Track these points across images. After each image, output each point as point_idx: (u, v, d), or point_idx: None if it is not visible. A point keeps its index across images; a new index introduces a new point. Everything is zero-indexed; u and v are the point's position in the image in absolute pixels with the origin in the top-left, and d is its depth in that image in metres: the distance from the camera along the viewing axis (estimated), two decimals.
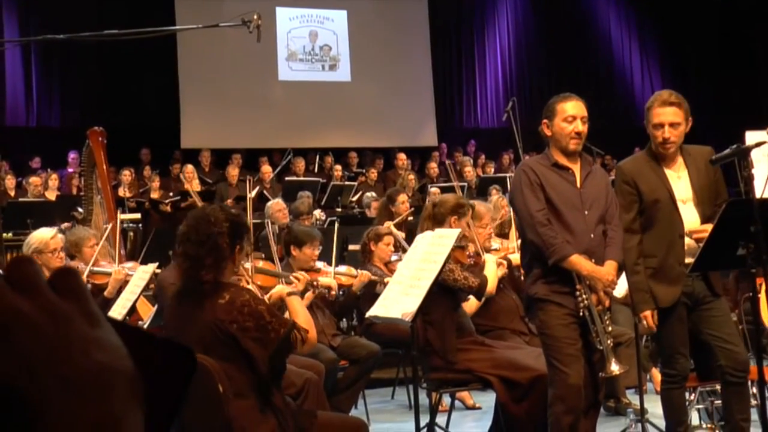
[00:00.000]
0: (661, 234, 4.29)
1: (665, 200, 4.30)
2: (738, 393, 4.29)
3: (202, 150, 14.30)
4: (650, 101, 4.42)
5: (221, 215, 3.47)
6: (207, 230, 3.40)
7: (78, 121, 13.43)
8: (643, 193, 4.31)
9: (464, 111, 17.95)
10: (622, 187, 4.38)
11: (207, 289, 3.39)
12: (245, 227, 3.59)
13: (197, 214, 3.55)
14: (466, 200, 5.67)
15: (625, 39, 19.31)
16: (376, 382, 7.26)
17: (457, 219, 5.24)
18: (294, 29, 16.41)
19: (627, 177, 4.38)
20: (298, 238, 6.16)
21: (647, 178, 4.33)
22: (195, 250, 3.39)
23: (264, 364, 3.31)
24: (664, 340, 4.38)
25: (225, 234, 3.40)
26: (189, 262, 3.41)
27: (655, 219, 4.31)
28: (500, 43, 18.28)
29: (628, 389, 6.16)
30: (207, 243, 3.38)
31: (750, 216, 3.58)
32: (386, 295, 4.69)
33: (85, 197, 8.13)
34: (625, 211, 4.33)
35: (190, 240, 3.42)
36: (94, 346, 0.60)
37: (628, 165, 4.45)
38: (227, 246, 3.41)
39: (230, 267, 3.49)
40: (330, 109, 16.16)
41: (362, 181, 13.85)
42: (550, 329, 4.24)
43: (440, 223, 5.22)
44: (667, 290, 4.27)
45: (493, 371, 4.80)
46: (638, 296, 4.32)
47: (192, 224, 3.46)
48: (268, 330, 3.30)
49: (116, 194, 10.62)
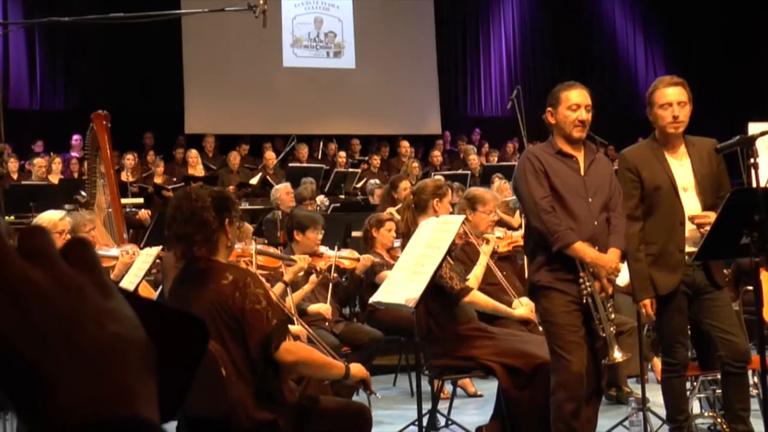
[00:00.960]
0: (662, 221, 4.29)
1: (666, 187, 4.30)
2: (737, 383, 4.30)
3: (206, 135, 14.30)
4: (652, 86, 4.46)
5: (203, 192, 3.49)
6: (190, 206, 3.39)
7: (82, 104, 13.41)
8: (644, 179, 4.32)
9: (468, 99, 17.93)
10: (625, 174, 4.39)
11: (206, 269, 3.38)
12: (230, 200, 3.58)
13: (179, 194, 3.57)
14: (442, 180, 5.68)
15: (630, 29, 19.27)
16: (379, 368, 7.26)
17: (439, 200, 5.24)
18: (299, 15, 16.38)
19: (629, 164, 4.39)
20: (302, 223, 6.16)
21: (649, 165, 4.34)
22: (183, 229, 3.38)
23: (254, 349, 3.30)
24: (664, 329, 4.40)
25: (210, 208, 3.40)
26: (180, 242, 3.41)
27: (656, 206, 4.31)
28: (505, 31, 18.25)
29: (630, 378, 6.17)
30: (193, 219, 3.37)
31: (754, 205, 3.58)
32: (390, 280, 4.69)
33: (89, 181, 8.11)
34: (627, 199, 4.34)
35: (176, 220, 3.42)
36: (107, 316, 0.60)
37: (631, 152, 4.47)
38: (214, 219, 3.39)
39: (224, 242, 3.47)
40: (334, 96, 16.15)
41: (365, 169, 13.85)
42: (553, 316, 4.24)
43: (423, 210, 5.22)
44: (667, 277, 4.27)
45: (496, 358, 4.80)
46: (638, 284, 4.33)
47: (176, 204, 3.47)
48: (261, 317, 3.29)
49: (119, 178, 10.62)
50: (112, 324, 0.60)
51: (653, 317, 4.32)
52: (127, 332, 0.60)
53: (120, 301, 0.62)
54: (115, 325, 0.60)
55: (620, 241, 4.30)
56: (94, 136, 7.99)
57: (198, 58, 15.40)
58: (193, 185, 3.78)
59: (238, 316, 3.29)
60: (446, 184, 5.51)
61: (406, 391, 6.93)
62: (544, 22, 18.45)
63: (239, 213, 3.68)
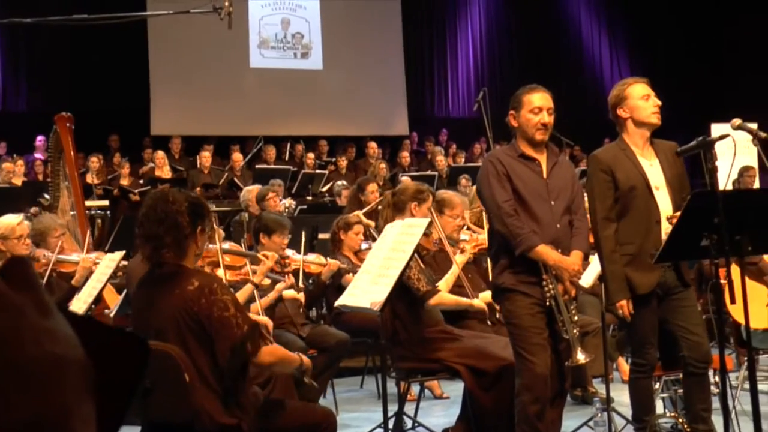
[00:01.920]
0: (638, 221, 4.30)
1: (641, 187, 4.32)
2: (699, 383, 4.34)
3: (173, 137, 14.22)
4: (622, 85, 4.47)
5: (180, 195, 3.45)
6: (165, 208, 3.36)
7: (45, 106, 13.27)
8: (619, 180, 4.32)
9: (435, 100, 17.98)
10: (599, 176, 4.37)
11: (172, 273, 3.36)
12: (206, 208, 3.55)
13: (155, 194, 3.52)
14: (426, 186, 5.69)
15: (595, 31, 19.42)
16: (345, 371, 7.27)
17: (418, 205, 5.26)
18: (266, 16, 16.34)
19: (603, 165, 4.37)
20: (268, 227, 6.13)
21: (623, 166, 4.35)
22: (155, 230, 3.35)
23: (223, 357, 3.28)
24: (637, 329, 4.38)
25: (185, 213, 3.37)
26: (150, 242, 3.37)
27: (631, 206, 4.32)
28: (472, 33, 18.31)
29: (595, 378, 6.21)
30: (166, 221, 3.34)
31: (714, 207, 3.62)
32: (355, 284, 4.69)
33: (52, 183, 8.05)
34: (602, 200, 4.33)
35: (149, 220, 3.37)
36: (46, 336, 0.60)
37: (603, 153, 4.45)
38: (187, 225, 3.37)
39: (193, 249, 3.44)
40: (301, 97, 16.13)
41: (333, 170, 13.84)
42: (517, 319, 4.26)
43: (401, 211, 5.22)
44: (645, 276, 4.27)
45: (461, 360, 4.82)
46: (614, 285, 4.30)
47: (150, 204, 3.42)
48: (231, 324, 3.27)
49: (84, 181, 10.54)
50: (50, 344, 0.60)
51: (629, 318, 4.31)
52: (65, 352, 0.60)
53: (59, 320, 0.62)
54: (53, 345, 0.60)
55: (583, 244, 4.33)
56: (58, 138, 7.93)
57: (164, 59, 15.32)
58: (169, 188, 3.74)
59: (204, 322, 3.27)
60: (428, 190, 5.51)
61: (373, 393, 6.94)
62: (510, 23, 18.54)
63: (212, 223, 3.66)
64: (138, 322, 3.56)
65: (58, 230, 6.23)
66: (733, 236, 3.67)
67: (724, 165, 4.13)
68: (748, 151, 9.38)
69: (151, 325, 3.36)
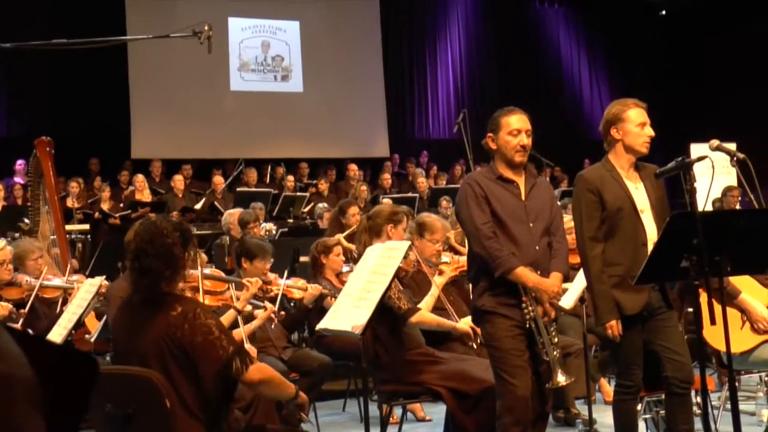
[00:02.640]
0: (625, 242, 4.30)
1: (628, 209, 4.33)
2: (681, 404, 4.34)
3: (153, 160, 14.19)
4: (623, 105, 4.46)
5: (169, 225, 3.47)
6: (162, 242, 3.38)
7: (25, 130, 13.20)
8: (606, 201, 4.32)
9: (416, 122, 18.03)
10: (586, 196, 4.35)
11: (156, 299, 3.36)
12: (190, 233, 3.57)
13: (149, 228, 3.51)
14: (400, 208, 5.69)
15: (574, 52, 19.55)
16: (327, 394, 7.24)
17: (394, 227, 5.26)
18: (246, 39, 16.37)
19: (590, 185, 4.36)
20: (250, 251, 6.12)
21: (610, 187, 4.35)
22: (154, 264, 3.36)
23: (210, 382, 3.27)
24: (623, 351, 4.36)
25: (178, 244, 3.40)
26: (147, 276, 3.38)
27: (618, 228, 4.31)
28: (451, 55, 18.40)
29: (577, 399, 6.21)
30: (164, 255, 3.37)
31: (693, 228, 3.64)
32: (336, 307, 4.68)
33: (32, 208, 8.02)
34: (589, 220, 4.32)
35: (147, 255, 3.38)
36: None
37: (591, 174, 4.44)
38: (182, 255, 3.41)
39: (182, 275, 3.48)
40: (282, 119, 16.14)
41: (314, 192, 13.84)
42: (498, 341, 4.26)
43: (377, 234, 5.22)
44: (632, 298, 4.26)
45: (443, 383, 4.81)
46: (603, 305, 4.27)
47: (146, 239, 3.42)
48: (216, 346, 3.27)
49: (64, 205, 10.49)
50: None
51: (618, 339, 4.30)
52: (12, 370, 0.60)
53: (6, 339, 0.62)
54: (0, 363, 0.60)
55: (562, 265, 4.34)
56: (38, 162, 7.91)
57: (144, 83, 15.30)
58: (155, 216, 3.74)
59: (187, 348, 3.26)
60: (402, 211, 5.51)
61: (356, 416, 6.91)
62: (490, 45, 18.64)
63: (196, 246, 3.68)
64: (120, 348, 3.55)
65: (36, 252, 6.20)
66: (713, 257, 3.69)
67: (704, 185, 4.16)
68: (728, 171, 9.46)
69: (133, 350, 3.35)
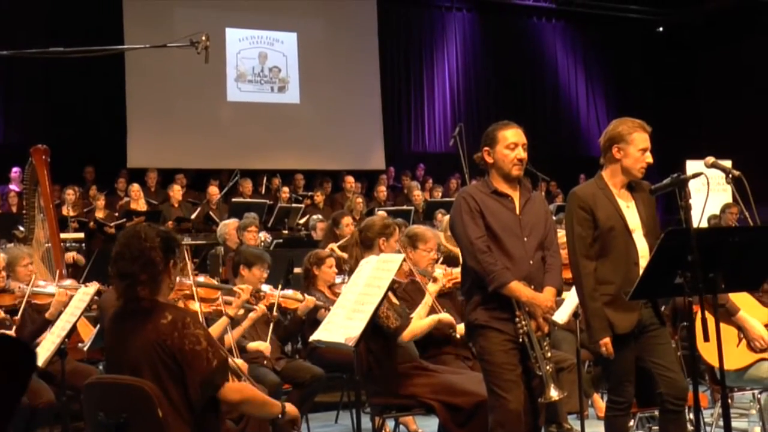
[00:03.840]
0: (617, 261, 4.30)
1: (620, 228, 4.33)
2: (675, 420, 4.34)
3: (149, 170, 14.18)
4: (630, 126, 4.46)
5: (151, 231, 3.47)
6: (139, 246, 3.39)
7: (21, 138, 13.20)
8: (599, 219, 4.32)
9: (412, 135, 18.04)
10: (578, 213, 4.36)
11: (146, 308, 3.36)
12: (176, 242, 3.57)
13: (128, 232, 3.54)
14: (391, 220, 5.70)
15: (571, 67, 19.59)
16: (320, 405, 7.23)
17: (386, 240, 5.25)
18: (244, 50, 16.38)
19: (583, 203, 4.36)
20: (248, 259, 6.22)
21: (603, 206, 4.35)
22: (129, 268, 3.37)
23: (195, 391, 3.28)
24: (616, 367, 4.36)
25: (157, 248, 3.40)
26: (124, 280, 3.39)
27: (610, 246, 4.31)
28: (448, 68, 18.43)
29: (570, 414, 6.20)
30: (140, 259, 3.37)
31: (687, 245, 3.64)
32: (330, 319, 4.68)
33: (27, 216, 8.01)
34: (580, 238, 4.32)
35: (123, 258, 3.40)
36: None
37: (584, 191, 4.44)
38: (161, 260, 3.40)
39: (167, 283, 3.47)
40: (278, 130, 16.14)
41: (309, 204, 13.83)
42: (490, 355, 4.26)
43: (369, 248, 5.22)
44: (625, 317, 4.27)
45: (435, 396, 4.80)
46: (597, 323, 4.28)
47: (124, 242, 3.45)
48: (202, 357, 3.28)
49: (60, 213, 10.48)
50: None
51: (612, 356, 4.29)
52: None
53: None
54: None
55: (556, 280, 4.34)
56: (33, 170, 7.90)
57: (141, 92, 15.29)
58: (139, 223, 3.76)
59: (177, 356, 3.27)
60: (394, 224, 5.52)
61: (348, 428, 6.89)
62: (486, 59, 18.67)
63: (183, 255, 3.68)
64: (112, 357, 3.55)
65: (26, 259, 6.20)
66: (707, 274, 3.69)
67: (699, 202, 4.17)
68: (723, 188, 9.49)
69: (125, 359, 3.35)
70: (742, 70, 17.40)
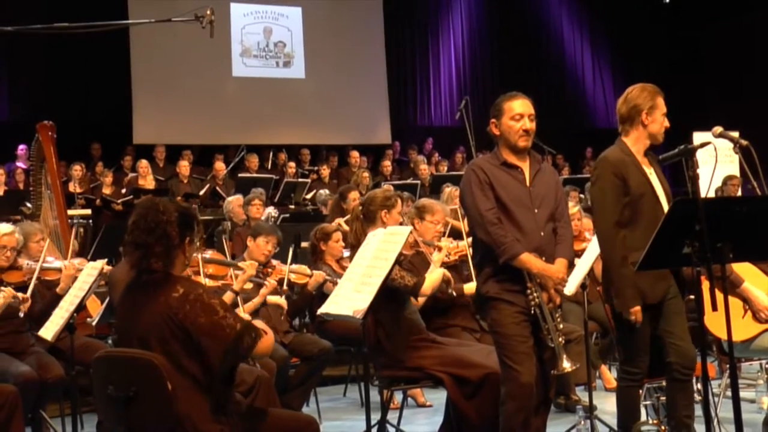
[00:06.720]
0: (648, 228, 4.18)
1: (649, 194, 4.30)
2: (683, 389, 4.33)
3: (156, 146, 14.18)
4: (652, 92, 4.41)
5: (171, 206, 3.48)
6: (156, 218, 3.39)
7: (27, 115, 13.17)
8: (631, 186, 4.28)
9: (418, 109, 18.00)
10: (612, 180, 4.30)
11: (158, 280, 3.36)
12: (195, 220, 3.56)
13: (146, 203, 3.53)
14: (392, 192, 5.68)
15: (577, 39, 19.50)
16: (328, 379, 7.26)
17: (388, 212, 5.23)
18: (248, 25, 16.33)
19: (616, 169, 4.31)
20: (256, 230, 6.29)
21: (633, 173, 4.31)
22: (144, 238, 3.37)
23: (217, 360, 3.27)
24: (635, 338, 4.33)
25: (174, 223, 3.40)
26: (138, 250, 3.39)
27: (641, 213, 4.27)
28: (454, 42, 18.35)
29: (578, 386, 6.22)
30: (156, 231, 3.37)
31: (695, 214, 3.63)
32: (338, 292, 4.69)
33: (34, 192, 8.03)
34: (614, 205, 4.27)
35: (138, 228, 3.40)
36: None
37: (615, 157, 4.38)
38: (176, 235, 3.39)
39: (181, 259, 3.46)
40: (284, 105, 16.12)
41: (315, 179, 13.83)
42: (502, 327, 4.25)
43: (372, 221, 5.20)
44: (654, 286, 4.25)
45: (444, 369, 4.80)
46: (628, 291, 4.23)
47: (141, 213, 3.44)
48: (222, 325, 3.27)
49: (66, 189, 10.49)
50: None
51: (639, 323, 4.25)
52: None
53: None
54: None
55: (567, 251, 4.32)
56: (40, 147, 7.91)
57: (146, 68, 15.26)
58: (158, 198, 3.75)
59: (189, 329, 3.26)
60: (395, 195, 5.49)
61: (356, 401, 6.93)
62: (492, 32, 18.59)
63: (201, 234, 3.67)
64: (122, 328, 3.56)
65: (38, 235, 6.22)
66: (715, 243, 3.68)
67: (706, 173, 4.15)
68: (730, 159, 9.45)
69: (134, 332, 3.36)
70: (749, 42, 17.29)
